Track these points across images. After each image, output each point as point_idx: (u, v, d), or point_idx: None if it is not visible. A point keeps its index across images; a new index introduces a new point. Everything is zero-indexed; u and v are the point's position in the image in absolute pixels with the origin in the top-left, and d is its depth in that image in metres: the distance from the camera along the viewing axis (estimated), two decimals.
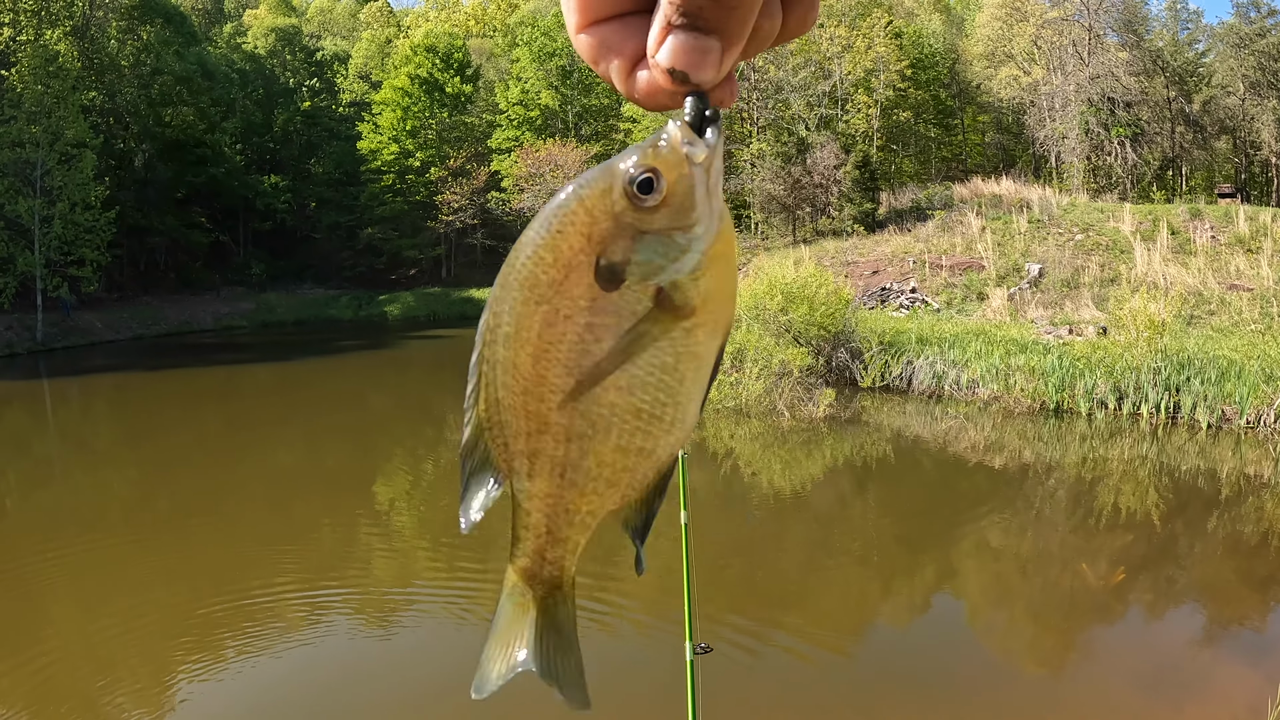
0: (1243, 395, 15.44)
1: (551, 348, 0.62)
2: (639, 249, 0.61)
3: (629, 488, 0.68)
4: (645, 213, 0.60)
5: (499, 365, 0.64)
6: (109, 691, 7.30)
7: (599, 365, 0.62)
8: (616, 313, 0.62)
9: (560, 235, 0.60)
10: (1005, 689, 7.08)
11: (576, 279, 0.61)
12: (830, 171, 39.30)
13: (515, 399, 0.65)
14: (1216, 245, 28.38)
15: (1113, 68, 43.83)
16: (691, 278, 0.62)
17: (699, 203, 0.61)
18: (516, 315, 0.63)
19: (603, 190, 0.60)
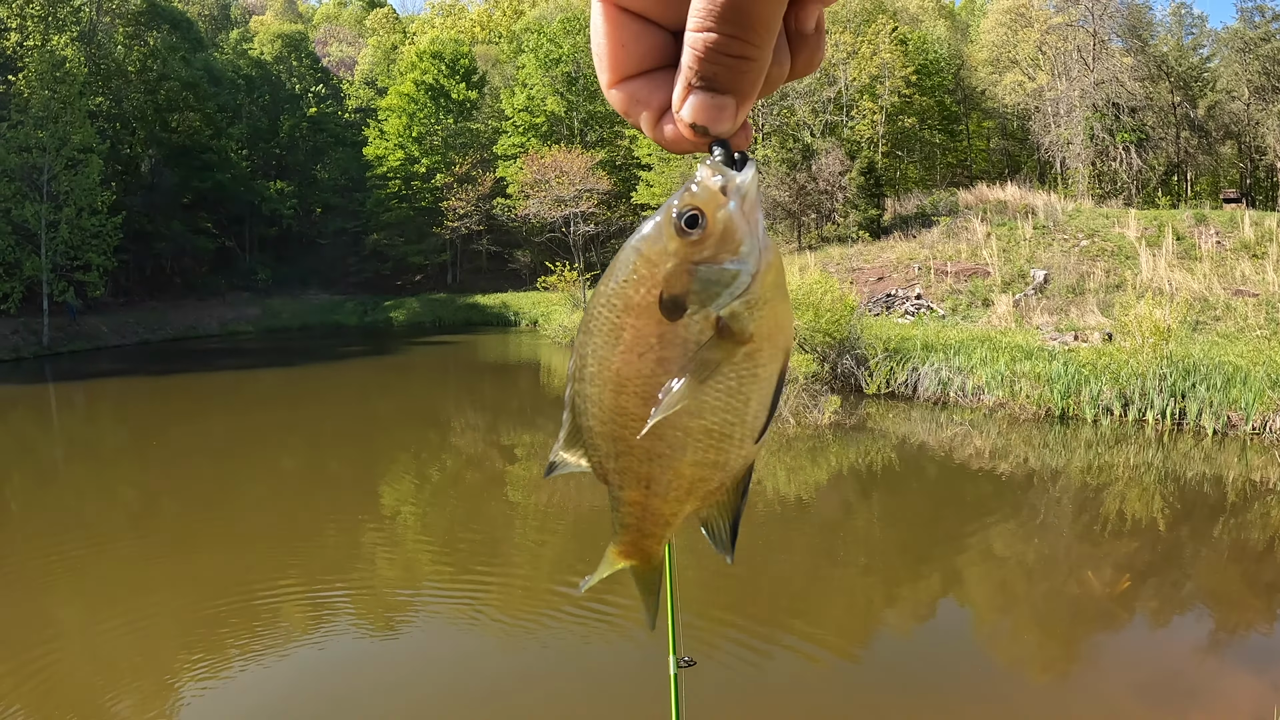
0: (1249, 401, 15.39)
1: (629, 383, 0.71)
2: (696, 279, 0.68)
3: (706, 495, 0.78)
4: (695, 245, 0.67)
5: (588, 399, 0.74)
6: (113, 694, 7.31)
7: (672, 394, 0.70)
8: (683, 344, 0.69)
9: (628, 284, 0.68)
10: (1010, 697, 7.05)
11: (646, 319, 0.68)
12: (835, 178, 39.32)
13: (603, 427, 0.74)
14: (1222, 251, 28.32)
15: (1117, 73, 43.81)
16: (746, 304, 0.68)
17: (739, 229, 0.68)
18: (599, 358, 0.71)
19: (655, 236, 0.68)
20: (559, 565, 10.73)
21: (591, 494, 11.85)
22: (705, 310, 0.68)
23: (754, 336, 0.69)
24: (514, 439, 19.90)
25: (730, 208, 0.67)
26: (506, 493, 14.94)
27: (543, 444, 18.43)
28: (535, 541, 11.79)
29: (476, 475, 16.16)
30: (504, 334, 44.97)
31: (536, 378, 30.80)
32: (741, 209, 0.68)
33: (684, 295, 0.68)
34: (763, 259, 0.68)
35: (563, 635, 8.47)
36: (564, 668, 7.69)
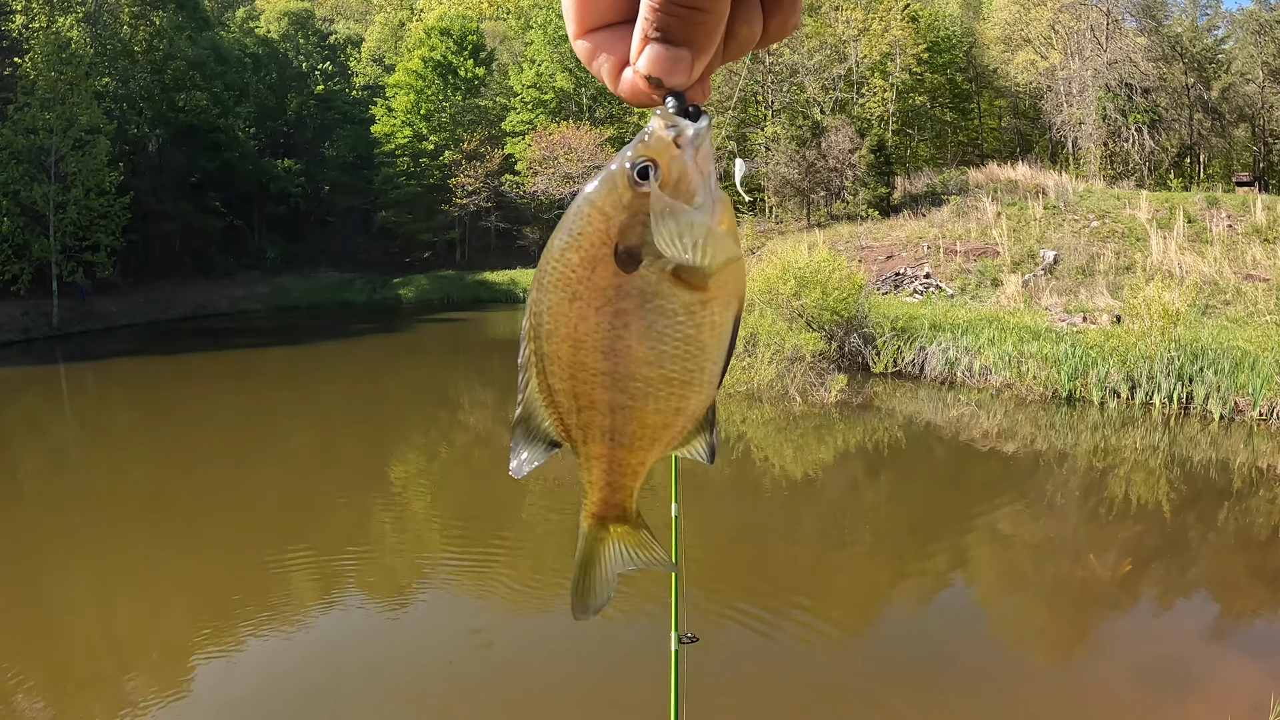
0: (1256, 387, 15.35)
1: (587, 338, 0.71)
2: (651, 229, 0.68)
3: (670, 440, 0.79)
4: (648, 196, 0.68)
5: (545, 357, 0.75)
6: (126, 671, 7.43)
7: (630, 346, 0.71)
8: (639, 295, 0.70)
9: (581, 236, 0.69)
10: (1011, 677, 7.13)
11: (601, 271, 0.69)
12: (845, 155, 39.13)
13: (563, 384, 0.75)
14: (1233, 234, 28.14)
15: (1131, 53, 43.37)
16: (701, 254, 0.69)
17: (693, 179, 0.69)
18: (554, 313, 0.72)
19: (609, 189, 0.69)
20: (566, 540, 10.83)
21: None
22: (660, 261, 0.69)
23: (709, 284, 0.70)
24: None
25: (684, 158, 0.69)
26: None
27: None
28: (543, 517, 11.90)
29: (485, 452, 16.27)
30: (513, 310, 45.02)
31: None
32: (694, 160, 0.69)
33: (639, 247, 0.69)
34: (715, 210, 0.70)
35: (569, 609, 8.58)
36: (570, 641, 7.81)
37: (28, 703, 6.79)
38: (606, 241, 0.68)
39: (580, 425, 0.78)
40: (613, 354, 0.72)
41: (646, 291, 0.70)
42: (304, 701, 6.82)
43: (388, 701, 6.68)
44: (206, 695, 6.92)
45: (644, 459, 0.80)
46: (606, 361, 0.72)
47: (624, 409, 0.75)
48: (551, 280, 0.71)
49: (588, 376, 0.74)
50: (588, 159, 47.59)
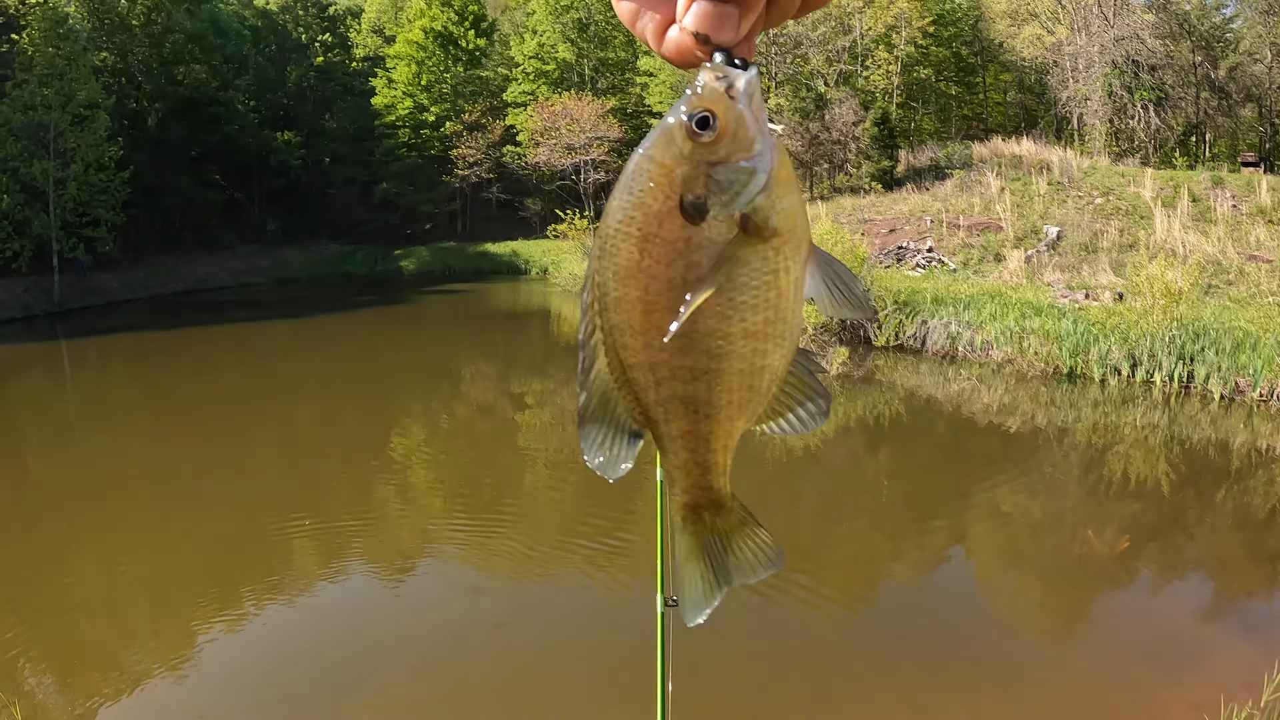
0: (1257, 368, 15.34)
1: (660, 297, 0.70)
2: (714, 180, 0.68)
3: (757, 405, 0.76)
4: (709, 147, 0.67)
5: (615, 330, 0.73)
6: (131, 644, 7.51)
7: (706, 301, 0.69)
8: (710, 245, 0.69)
9: (645, 193, 0.68)
10: (1009, 651, 7.19)
11: (669, 225, 0.68)
12: (849, 128, 38.93)
13: (639, 355, 0.73)
14: (1238, 215, 28.00)
15: (1138, 30, 42.97)
16: (766, 198, 0.69)
17: (751, 127, 0.69)
18: (622, 277, 0.70)
19: (667, 142, 0.68)
20: (568, 510, 10.91)
21: None
22: (727, 210, 0.69)
23: (778, 230, 0.70)
24: (524, 387, 20.04)
25: (739, 107, 0.69)
26: (517, 440, 15.12)
27: (553, 391, 18.59)
28: (545, 487, 11.97)
29: (487, 423, 16.32)
30: (514, 282, 44.98)
31: (547, 325, 30.92)
32: (750, 108, 0.69)
33: (704, 197, 0.68)
34: (774, 156, 0.70)
35: (571, 573, 8.71)
36: (572, 604, 7.91)
37: (34, 676, 6.86)
38: (671, 194, 0.68)
39: (660, 401, 0.75)
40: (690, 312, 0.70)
41: (717, 241, 0.69)
42: (308, 672, 6.90)
43: (391, 671, 6.75)
44: (211, 667, 6.99)
45: (731, 429, 0.77)
46: (684, 322, 0.70)
47: (706, 374, 0.73)
48: (616, 243, 0.70)
49: (662, 341, 0.71)
50: (589, 130, 47.38)
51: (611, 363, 0.75)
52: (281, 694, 6.60)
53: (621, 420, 0.78)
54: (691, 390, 0.74)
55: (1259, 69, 45.18)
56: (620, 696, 6.27)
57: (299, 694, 6.59)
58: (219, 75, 53.27)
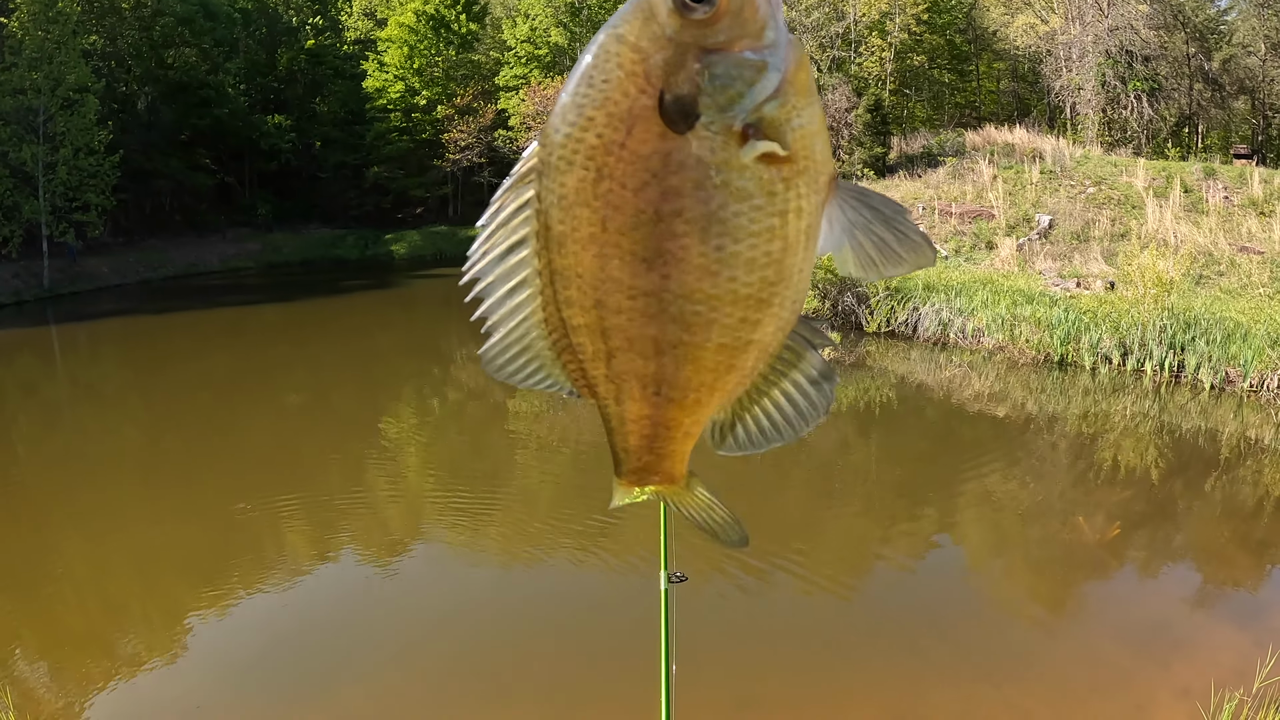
0: (1247, 358, 15.40)
1: (622, 237, 0.50)
2: (708, 71, 0.48)
3: (736, 387, 0.57)
4: (703, 25, 0.48)
5: (559, 276, 0.53)
6: (121, 629, 7.48)
7: (687, 247, 0.49)
8: (696, 165, 0.49)
9: (610, 86, 0.48)
10: (996, 635, 7.23)
11: (641, 133, 0.49)
12: (841, 114, 38.83)
13: (586, 316, 0.53)
14: (1229, 206, 28.06)
15: (1132, 20, 42.93)
16: (781, 108, 0.50)
17: (761, 6, 0.49)
18: (571, 204, 0.50)
19: (645, 16, 0.49)
20: (560, 492, 10.92)
21: (593, 426, 11.96)
22: (724, 117, 0.49)
23: (794, 153, 0.50)
24: None
25: None
26: (508, 423, 15.10)
27: None
28: (536, 469, 11.97)
29: (478, 406, 16.30)
30: None
31: None
32: None
33: (693, 96, 0.49)
34: (791, 50, 0.51)
35: (562, 555, 8.71)
36: (562, 586, 7.92)
37: (25, 663, 6.84)
38: (646, 88, 0.48)
39: (612, 376, 0.55)
40: (661, 260, 0.50)
41: (707, 162, 0.49)
42: (300, 654, 6.89)
43: (383, 653, 6.75)
44: (202, 651, 6.98)
45: (698, 416, 0.58)
46: (652, 274, 0.50)
47: (676, 348, 0.53)
48: (565, 155, 0.50)
49: (623, 300, 0.51)
50: None
51: (549, 318, 0.56)
52: (273, 677, 6.60)
53: (549, 371, 0.59)
54: (655, 367, 0.55)
55: (1253, 62, 45.26)
56: (615, 675, 6.29)
57: (291, 676, 6.58)
58: (209, 58, 52.86)
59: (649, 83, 0.49)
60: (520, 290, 0.55)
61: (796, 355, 0.58)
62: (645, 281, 0.50)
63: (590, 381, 0.56)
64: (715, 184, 0.49)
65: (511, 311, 0.56)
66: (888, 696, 6.26)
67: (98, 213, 38.88)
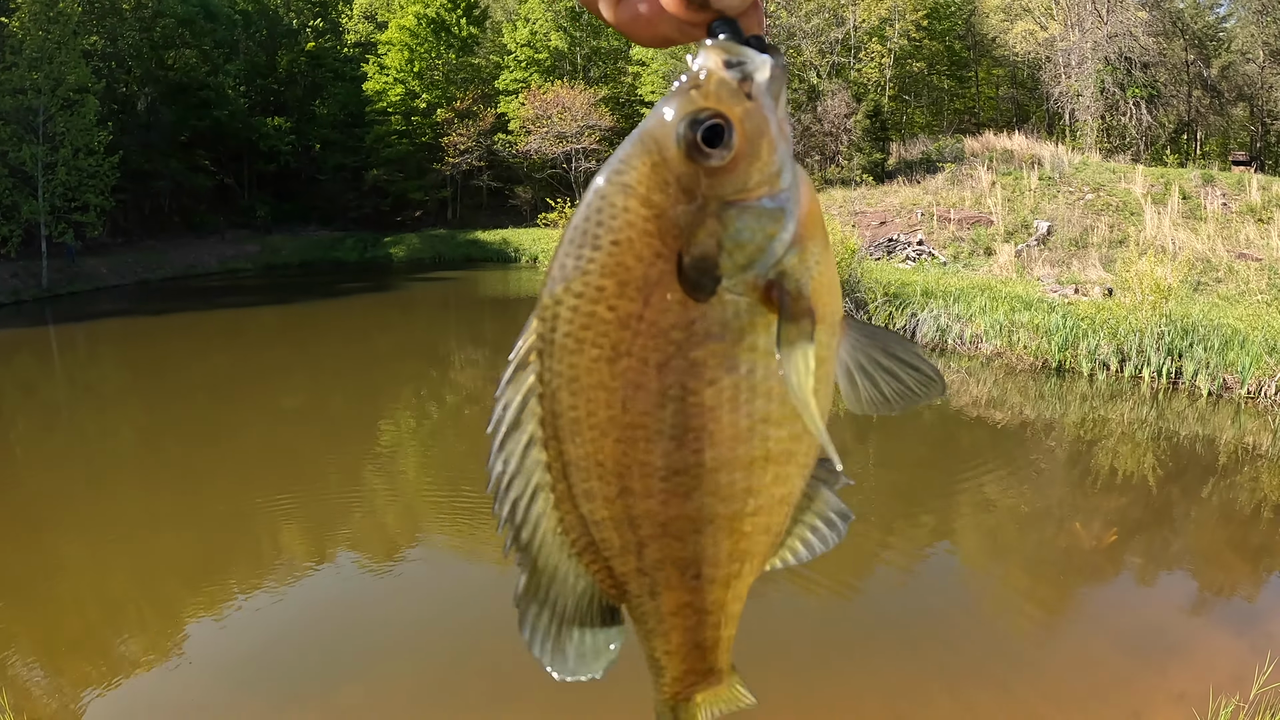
0: (1245, 365, 15.43)
1: (647, 417, 0.45)
2: (728, 227, 0.44)
3: (773, 549, 0.55)
4: (720, 174, 0.43)
5: (573, 468, 0.47)
6: (119, 631, 7.47)
7: (719, 416, 0.45)
8: (723, 332, 0.44)
9: (619, 248, 0.43)
10: (994, 639, 7.23)
11: (659, 301, 0.43)
12: (841, 120, 38.94)
13: (611, 508, 0.48)
14: (1228, 213, 28.15)
15: (1131, 27, 43.10)
16: (800, 256, 0.46)
17: (778, 144, 0.45)
18: (583, 389, 0.45)
19: (654, 162, 0.43)
20: None
21: None
22: (747, 276, 0.45)
23: (812, 304, 0.46)
24: None
25: (763, 111, 0.45)
26: None
27: None
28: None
29: (476, 410, 16.29)
30: (504, 270, 44.88)
31: None
32: (775, 114, 0.46)
33: (715, 257, 0.44)
34: (802, 189, 0.47)
35: None
36: None
37: (21, 664, 6.83)
38: (662, 251, 0.43)
39: (645, 568, 0.50)
40: (693, 435, 0.46)
41: (733, 327, 0.45)
42: (297, 659, 6.89)
43: (382, 654, 6.74)
44: (199, 655, 6.97)
45: (741, 591, 0.55)
46: (684, 451, 0.46)
47: (714, 522, 0.49)
48: (572, 330, 0.45)
49: (654, 484, 0.47)
50: (581, 118, 47.29)
51: (567, 518, 0.50)
52: (271, 679, 6.59)
53: (583, 596, 0.54)
54: (693, 549, 0.50)
55: (1251, 69, 45.41)
56: (616, 676, 6.29)
57: (290, 677, 6.58)
58: (209, 60, 52.90)
59: (664, 243, 0.43)
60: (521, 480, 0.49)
61: (811, 497, 0.54)
62: (677, 460, 0.46)
63: (619, 580, 0.51)
64: (744, 348, 0.45)
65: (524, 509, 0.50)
66: (886, 699, 6.26)
67: (97, 213, 38.89)
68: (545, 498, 0.50)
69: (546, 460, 0.48)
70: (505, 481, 0.49)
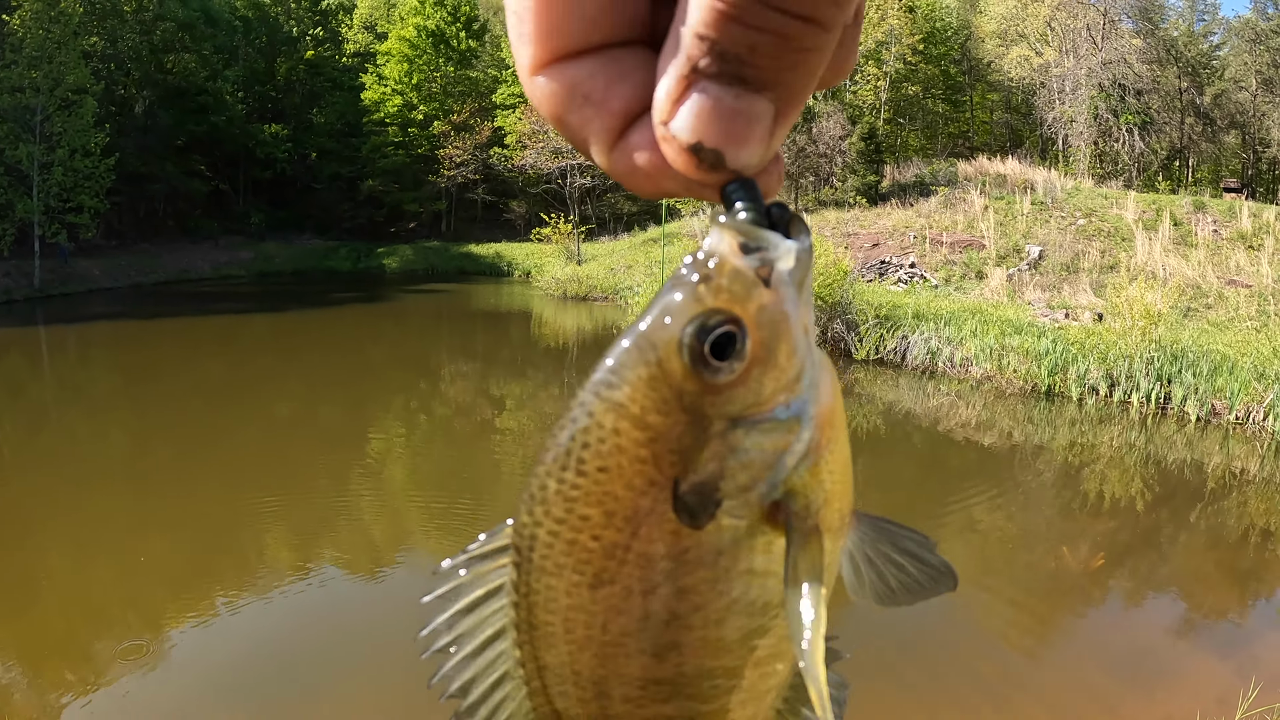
0: (1234, 391, 15.52)
1: (628, 638, 0.43)
2: (735, 446, 0.39)
3: None
4: (728, 390, 0.38)
5: (547, 672, 0.46)
6: (101, 635, 7.42)
7: (703, 635, 0.43)
8: (717, 559, 0.41)
9: (606, 476, 0.39)
10: (981, 662, 7.22)
11: (649, 532, 0.39)
12: (835, 142, 39.14)
13: (586, 707, 0.47)
14: (1218, 239, 28.38)
15: (1125, 54, 43.57)
16: (813, 469, 0.41)
17: (799, 346, 0.40)
18: (561, 610, 0.42)
19: (650, 375, 0.38)
20: None
21: None
22: (749, 496, 0.40)
23: (821, 521, 0.42)
24: (504, 389, 19.98)
25: (783, 307, 0.39)
26: (495, 441, 15.06)
27: (532, 394, 18.57)
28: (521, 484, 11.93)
29: (466, 423, 16.26)
30: (497, 284, 44.91)
31: (528, 328, 30.89)
32: (798, 309, 0.40)
33: (716, 481, 0.39)
34: (822, 386, 0.41)
35: None
36: None
37: (2, 668, 6.77)
38: (656, 479, 0.39)
39: None
40: (674, 652, 0.43)
41: (729, 552, 0.41)
42: (279, 669, 6.84)
43: (367, 663, 6.71)
44: (183, 661, 6.92)
45: None
46: (664, 665, 0.44)
47: (694, 718, 0.47)
48: (551, 555, 0.41)
49: (631, 691, 0.45)
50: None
51: (539, 708, 0.48)
52: (252, 688, 6.55)
53: None
54: None
55: (1244, 96, 45.92)
56: None
57: (271, 688, 6.54)
58: (208, 65, 53.00)
59: (660, 470, 0.38)
60: (502, 686, 0.49)
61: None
62: (656, 672, 0.44)
63: None
64: (737, 572, 0.42)
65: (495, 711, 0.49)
66: None
67: (91, 215, 38.85)
68: (516, 686, 0.49)
69: (520, 657, 0.47)
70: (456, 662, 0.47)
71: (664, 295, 0.38)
